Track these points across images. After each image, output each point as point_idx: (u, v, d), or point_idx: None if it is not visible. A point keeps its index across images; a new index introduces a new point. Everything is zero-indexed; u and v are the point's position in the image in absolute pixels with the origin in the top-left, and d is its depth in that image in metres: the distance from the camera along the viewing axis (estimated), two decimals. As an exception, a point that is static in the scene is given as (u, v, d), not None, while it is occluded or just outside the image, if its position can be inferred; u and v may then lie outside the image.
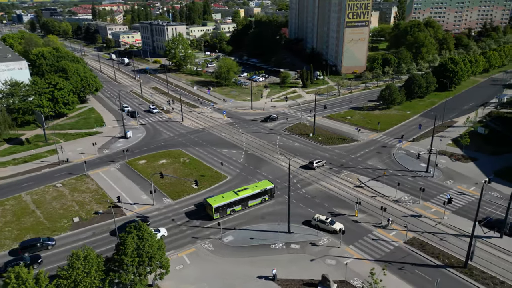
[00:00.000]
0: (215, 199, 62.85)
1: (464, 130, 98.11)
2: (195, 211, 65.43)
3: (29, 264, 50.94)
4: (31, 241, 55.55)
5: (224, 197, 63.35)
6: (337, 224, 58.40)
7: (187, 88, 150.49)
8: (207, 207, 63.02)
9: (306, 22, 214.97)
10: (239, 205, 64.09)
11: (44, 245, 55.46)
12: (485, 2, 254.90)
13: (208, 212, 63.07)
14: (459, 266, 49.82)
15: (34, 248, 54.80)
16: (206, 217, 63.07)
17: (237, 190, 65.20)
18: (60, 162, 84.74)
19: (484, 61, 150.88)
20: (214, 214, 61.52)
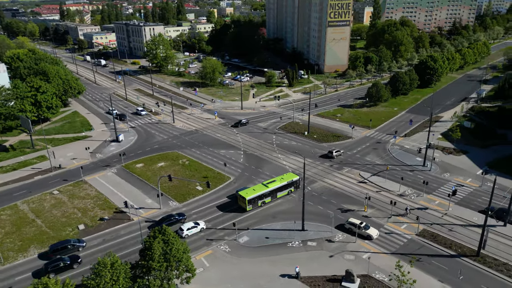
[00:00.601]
0: (247, 192, 64.58)
1: (450, 125, 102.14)
2: (228, 203, 66.99)
3: (69, 264, 50.98)
4: (61, 244, 54.42)
5: (255, 190, 65.18)
6: (372, 230, 56.50)
7: (172, 89, 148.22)
8: (240, 200, 64.80)
9: (285, 22, 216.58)
10: (269, 197, 65.99)
11: (76, 246, 54.49)
12: (453, 2, 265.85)
13: (240, 204, 64.82)
14: (471, 254, 51.89)
15: (65, 251, 53.70)
16: (239, 209, 64.69)
17: (266, 183, 67.17)
18: (52, 169, 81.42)
19: (460, 58, 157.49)
20: (247, 206, 63.48)
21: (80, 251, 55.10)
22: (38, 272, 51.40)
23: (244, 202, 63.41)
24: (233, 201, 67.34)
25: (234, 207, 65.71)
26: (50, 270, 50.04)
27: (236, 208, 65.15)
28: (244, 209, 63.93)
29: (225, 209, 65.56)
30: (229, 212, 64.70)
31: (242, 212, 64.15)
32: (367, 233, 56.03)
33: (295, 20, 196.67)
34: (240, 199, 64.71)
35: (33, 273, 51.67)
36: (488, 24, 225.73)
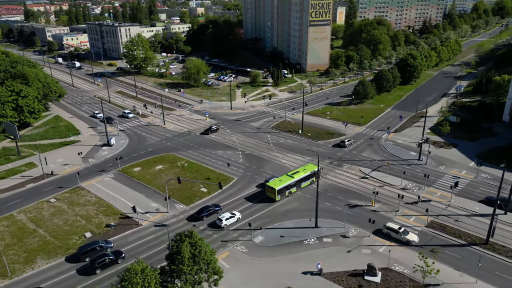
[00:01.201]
0: (275, 183, 66.71)
1: (436, 120, 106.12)
2: (257, 193, 69.52)
3: (113, 259, 51.94)
4: (90, 245, 54.06)
5: (282, 180, 67.41)
6: (412, 235, 54.85)
7: (155, 90, 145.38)
8: (269, 191, 66.88)
9: (264, 22, 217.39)
10: (294, 187, 68.52)
11: (104, 247, 54.15)
12: (421, 2, 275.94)
13: (269, 195, 66.90)
14: (481, 243, 54.20)
15: (94, 252, 53.31)
16: (267, 199, 66.96)
17: (290, 173, 69.65)
18: (44, 176, 77.96)
19: (435, 56, 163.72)
20: (277, 196, 65.63)
21: (108, 252, 53.89)
22: (83, 269, 51.69)
23: (274, 193, 65.63)
24: (242, 202, 67.26)
25: (263, 198, 67.94)
26: (97, 265, 50.89)
27: (265, 199, 67.36)
28: (273, 199, 66.09)
29: (253, 200, 67.75)
30: (258, 202, 66.90)
31: (271, 202, 66.37)
32: (406, 238, 54.20)
33: (275, 20, 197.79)
34: (269, 190, 66.78)
35: (78, 270, 51.77)
36: (456, 23, 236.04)
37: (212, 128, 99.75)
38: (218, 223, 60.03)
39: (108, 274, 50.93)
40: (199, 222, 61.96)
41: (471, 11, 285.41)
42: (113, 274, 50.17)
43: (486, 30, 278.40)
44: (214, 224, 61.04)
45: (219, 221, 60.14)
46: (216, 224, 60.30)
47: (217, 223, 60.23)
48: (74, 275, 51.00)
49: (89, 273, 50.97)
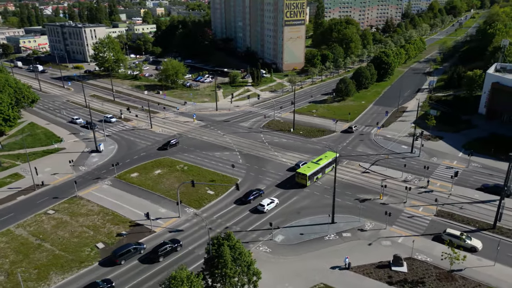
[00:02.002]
0: (305, 169, 71.00)
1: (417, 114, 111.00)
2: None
3: (174, 247, 54.48)
4: (124, 248, 53.58)
5: (310, 167, 71.70)
6: (475, 240, 53.07)
7: (132, 93, 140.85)
8: (299, 177, 70.95)
9: (235, 22, 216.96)
10: (320, 173, 73.02)
11: (138, 249, 54.15)
12: (382, 2, 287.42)
13: (300, 181, 71.14)
14: (489, 228, 57.58)
15: (129, 254, 53.14)
16: (296, 185, 71.57)
17: (315, 161, 73.89)
18: (35, 187, 73.32)
19: (404, 53, 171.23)
20: (308, 182, 70.27)
21: (142, 253, 54.14)
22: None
23: (305, 179, 70.07)
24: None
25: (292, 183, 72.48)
26: (160, 254, 53.12)
27: (294, 185, 71.79)
28: (304, 185, 70.64)
29: (284, 186, 71.86)
30: (289, 188, 71.12)
31: (301, 187, 70.87)
32: (470, 244, 52.33)
33: (247, 20, 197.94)
34: (299, 176, 70.77)
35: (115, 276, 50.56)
36: (417, 22, 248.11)
37: (171, 142, 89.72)
38: (260, 208, 63.65)
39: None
40: (243, 208, 65.17)
41: (427, 10, 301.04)
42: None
43: (442, 28, 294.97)
44: (255, 209, 64.59)
45: (261, 207, 63.73)
46: (258, 209, 63.95)
47: (259, 209, 63.88)
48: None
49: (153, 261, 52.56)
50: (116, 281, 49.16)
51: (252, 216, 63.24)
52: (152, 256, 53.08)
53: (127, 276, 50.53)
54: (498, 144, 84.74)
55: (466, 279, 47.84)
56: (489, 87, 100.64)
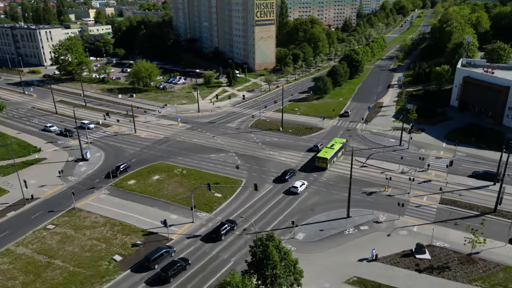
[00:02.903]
0: (324, 154, 77.03)
1: (394, 108, 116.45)
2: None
3: (232, 227, 58.30)
4: (157, 252, 52.22)
5: (327, 152, 77.95)
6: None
7: (105, 97, 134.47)
8: (320, 161, 76.97)
9: (199, 22, 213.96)
10: (335, 157, 79.26)
11: (169, 252, 53.27)
12: (338, 2, 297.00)
13: (320, 165, 77.17)
14: (490, 211, 61.78)
15: (162, 258, 51.92)
16: (316, 169, 77.50)
17: (329, 146, 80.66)
18: (25, 201, 67.92)
19: (370, 51, 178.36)
20: (328, 165, 76.44)
21: (173, 256, 53.33)
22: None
23: (325, 162, 76.32)
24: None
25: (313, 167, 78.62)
26: (222, 233, 56.96)
27: (314, 169, 77.78)
28: (324, 168, 76.81)
29: (305, 170, 77.82)
30: (310, 172, 76.98)
31: (321, 171, 76.98)
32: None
33: (213, 20, 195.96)
34: (320, 160, 76.83)
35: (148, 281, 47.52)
36: (373, 21, 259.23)
37: (120, 168, 76.88)
38: (294, 190, 68.74)
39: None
40: (278, 189, 70.55)
41: (380, 10, 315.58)
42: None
43: (394, 27, 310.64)
44: (288, 191, 69.56)
45: (294, 188, 68.81)
46: (292, 191, 69.01)
47: (292, 190, 68.98)
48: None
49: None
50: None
51: (287, 198, 68.00)
52: (215, 235, 56.53)
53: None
54: (476, 133, 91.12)
55: (485, 260, 51.09)
56: (460, 81, 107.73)
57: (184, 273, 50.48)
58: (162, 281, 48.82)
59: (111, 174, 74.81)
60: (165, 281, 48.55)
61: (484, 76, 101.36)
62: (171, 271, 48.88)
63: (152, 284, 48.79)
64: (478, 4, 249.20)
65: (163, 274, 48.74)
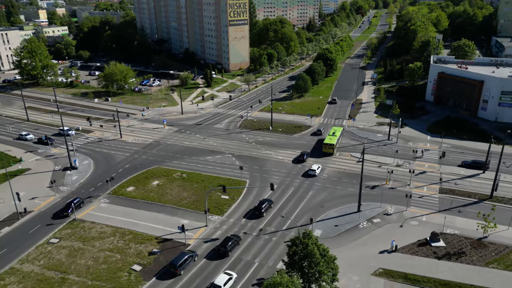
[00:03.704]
0: (329, 141, 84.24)
1: (373, 104, 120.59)
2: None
3: (269, 206, 63.81)
4: (181, 257, 50.88)
5: (331, 139, 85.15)
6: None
7: (78, 102, 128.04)
8: (327, 147, 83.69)
9: (167, 23, 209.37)
10: (338, 143, 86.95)
11: (193, 257, 52.43)
12: (301, 2, 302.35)
13: (327, 151, 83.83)
14: (487, 198, 65.77)
15: (186, 263, 50.99)
16: (323, 155, 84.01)
17: (331, 134, 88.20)
18: (18, 215, 63.31)
19: (340, 50, 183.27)
20: (334, 150, 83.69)
21: (196, 260, 52.53)
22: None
23: (332, 148, 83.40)
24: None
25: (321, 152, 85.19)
26: (263, 210, 62.06)
27: (321, 155, 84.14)
28: (331, 154, 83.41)
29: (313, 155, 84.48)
30: (318, 157, 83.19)
31: (328, 156, 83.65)
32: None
33: (183, 21, 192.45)
34: (327, 146, 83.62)
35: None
36: (337, 21, 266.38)
37: (73, 203, 63.90)
38: (312, 172, 75.01)
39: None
40: (296, 171, 77.20)
41: (340, 10, 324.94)
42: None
43: (355, 26, 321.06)
44: (306, 174, 75.79)
45: (312, 171, 75.02)
46: (309, 174, 75.27)
47: (310, 173, 75.16)
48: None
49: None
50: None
51: (306, 180, 73.41)
52: (257, 212, 61.33)
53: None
54: (456, 125, 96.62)
55: (494, 243, 54.38)
56: (435, 76, 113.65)
57: (238, 247, 55.29)
58: (221, 255, 53.40)
59: (60, 214, 63.28)
60: (224, 255, 53.26)
61: (459, 71, 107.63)
62: (229, 246, 53.43)
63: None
64: (432, 4, 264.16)
65: (222, 249, 53.40)
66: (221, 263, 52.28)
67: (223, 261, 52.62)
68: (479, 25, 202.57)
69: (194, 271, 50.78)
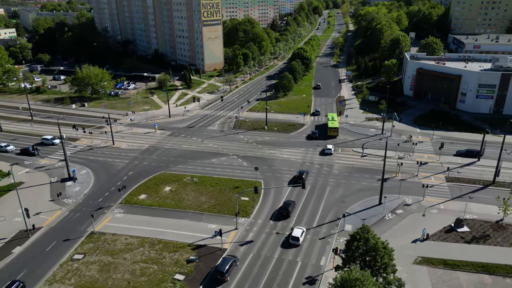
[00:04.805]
0: (333, 125, 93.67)
1: (356, 101, 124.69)
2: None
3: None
4: (226, 263, 49.44)
5: (334, 123, 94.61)
6: None
7: (50, 109, 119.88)
8: (332, 130, 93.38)
9: (132, 23, 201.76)
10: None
11: (236, 261, 51.45)
12: (261, 3, 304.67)
13: (332, 134, 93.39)
14: (490, 183, 70.57)
15: (231, 268, 49.75)
16: (328, 138, 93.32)
17: (330, 119, 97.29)
18: (28, 233, 58.26)
19: (311, 49, 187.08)
20: (337, 133, 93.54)
21: (237, 265, 51.57)
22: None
23: (337, 131, 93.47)
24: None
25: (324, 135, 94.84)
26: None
27: (326, 138, 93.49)
28: (335, 136, 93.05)
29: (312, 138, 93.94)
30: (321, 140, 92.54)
31: (333, 138, 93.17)
32: None
33: (151, 21, 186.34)
34: (332, 130, 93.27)
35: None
36: (299, 21, 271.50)
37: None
38: (328, 151, 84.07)
39: None
40: (312, 149, 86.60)
41: (300, 10, 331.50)
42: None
43: (314, 26, 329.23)
44: (323, 152, 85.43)
45: (328, 150, 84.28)
46: (326, 152, 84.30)
47: (327, 152, 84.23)
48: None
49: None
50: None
51: (324, 158, 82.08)
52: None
53: None
54: (440, 118, 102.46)
55: (511, 225, 58.68)
56: (413, 72, 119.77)
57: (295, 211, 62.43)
58: (285, 217, 61.22)
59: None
60: (286, 216, 60.58)
61: (437, 67, 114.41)
62: (291, 208, 61.65)
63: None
64: (385, 4, 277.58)
65: (285, 211, 61.29)
66: (264, 269, 51.66)
67: (265, 264, 52.01)
68: (434, 24, 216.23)
69: (239, 276, 49.73)
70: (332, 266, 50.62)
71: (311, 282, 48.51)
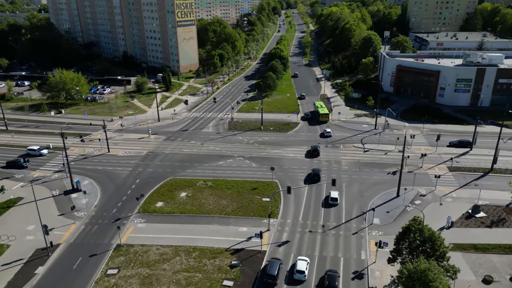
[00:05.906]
0: (323, 111, 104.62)
1: (339, 98, 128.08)
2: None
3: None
4: (275, 266, 49.03)
5: (323, 109, 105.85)
6: None
7: (26, 117, 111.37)
8: (323, 116, 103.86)
9: (95, 25, 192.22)
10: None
11: (281, 263, 51.21)
12: (223, 3, 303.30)
13: (323, 119, 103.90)
14: (489, 171, 75.67)
15: (280, 269, 49.52)
16: (321, 122, 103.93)
17: (318, 106, 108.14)
18: (48, 251, 53.94)
19: (285, 48, 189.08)
20: (330, 119, 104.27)
21: (283, 267, 50.80)
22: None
23: (327, 116, 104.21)
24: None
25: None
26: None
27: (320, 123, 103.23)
28: (326, 122, 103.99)
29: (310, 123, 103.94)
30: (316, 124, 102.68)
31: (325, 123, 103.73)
32: None
33: (118, 22, 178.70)
34: (323, 116, 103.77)
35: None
36: (264, 21, 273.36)
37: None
38: (327, 134, 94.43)
39: None
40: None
41: (260, 11, 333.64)
42: None
43: (276, 26, 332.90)
44: (322, 135, 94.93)
45: (327, 132, 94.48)
46: (325, 135, 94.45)
47: (326, 134, 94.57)
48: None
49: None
50: None
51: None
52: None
53: None
54: (423, 112, 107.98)
55: (520, 207, 63.48)
56: (393, 69, 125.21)
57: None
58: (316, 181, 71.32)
59: None
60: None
61: (416, 64, 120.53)
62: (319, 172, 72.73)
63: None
64: (344, 4, 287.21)
65: (316, 176, 72.16)
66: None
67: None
68: (394, 23, 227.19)
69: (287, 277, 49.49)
70: (374, 259, 51.97)
71: (360, 277, 49.35)
